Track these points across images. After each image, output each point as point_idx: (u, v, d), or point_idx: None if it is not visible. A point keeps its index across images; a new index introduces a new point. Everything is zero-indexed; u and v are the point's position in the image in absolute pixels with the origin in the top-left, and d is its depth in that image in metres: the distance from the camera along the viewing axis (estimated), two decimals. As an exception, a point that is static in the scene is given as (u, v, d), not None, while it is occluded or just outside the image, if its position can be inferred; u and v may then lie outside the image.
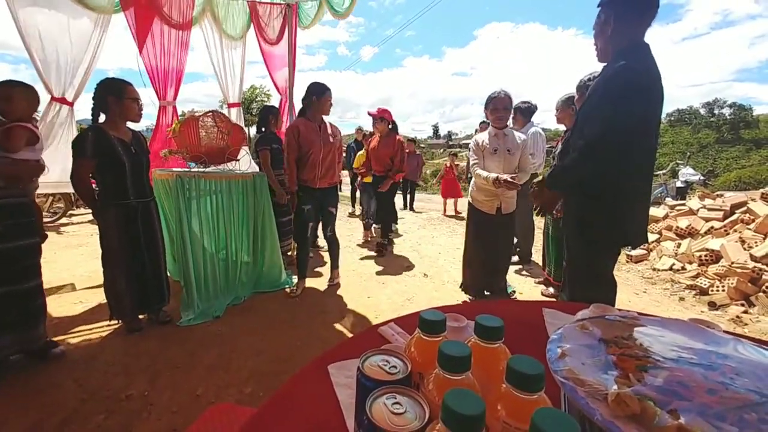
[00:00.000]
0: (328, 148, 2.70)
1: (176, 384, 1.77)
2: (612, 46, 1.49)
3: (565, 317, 0.88)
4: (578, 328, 0.59)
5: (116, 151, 1.99)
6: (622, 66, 1.41)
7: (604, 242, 1.58)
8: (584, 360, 0.52)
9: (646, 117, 1.40)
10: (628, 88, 1.37)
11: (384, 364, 0.43)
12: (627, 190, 1.50)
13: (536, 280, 3.28)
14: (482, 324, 0.44)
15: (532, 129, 3.53)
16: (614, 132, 1.40)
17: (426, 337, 0.46)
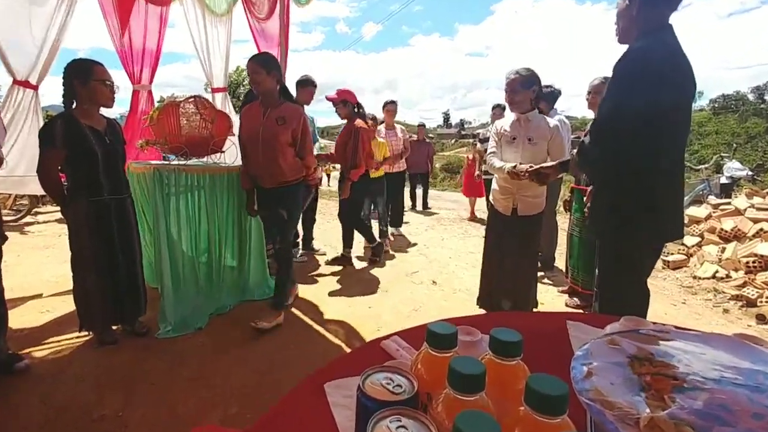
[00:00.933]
0: (269, 134, 2.43)
1: (154, 402, 1.78)
2: (636, 28, 1.53)
3: (592, 331, 0.88)
4: (607, 344, 0.59)
5: (88, 141, 2.01)
6: (639, 47, 1.46)
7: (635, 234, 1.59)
8: (613, 380, 0.52)
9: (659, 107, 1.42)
10: (637, 71, 1.42)
11: (387, 382, 0.43)
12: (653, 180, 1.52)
13: (560, 289, 3.28)
14: (498, 338, 0.44)
15: (556, 117, 3.53)
16: (621, 117, 1.45)
17: (435, 352, 0.46)
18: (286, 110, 2.47)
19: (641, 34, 1.50)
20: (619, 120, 1.45)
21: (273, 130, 2.42)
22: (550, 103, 3.59)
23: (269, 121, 2.43)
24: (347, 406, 0.65)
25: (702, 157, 11.78)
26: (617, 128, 1.46)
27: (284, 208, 2.56)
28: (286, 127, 2.43)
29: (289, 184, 2.55)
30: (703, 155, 16.08)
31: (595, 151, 1.57)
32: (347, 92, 3.57)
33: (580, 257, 2.89)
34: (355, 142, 3.43)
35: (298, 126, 2.48)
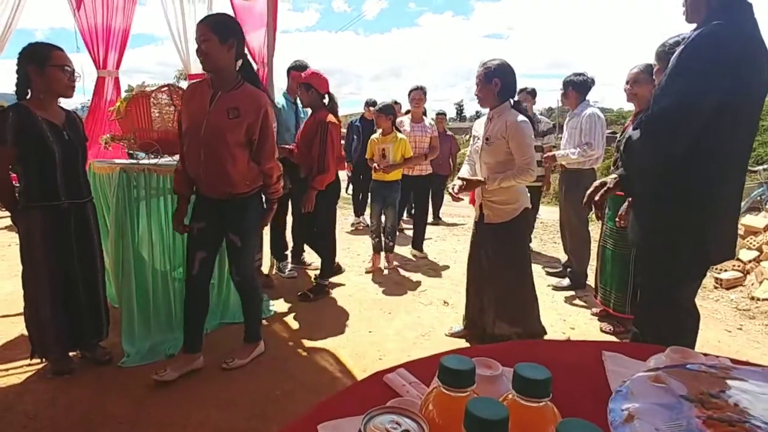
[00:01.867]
0: (215, 130, 2.08)
1: (117, 444, 1.78)
2: (705, 5, 1.50)
3: (632, 364, 0.88)
4: (651, 381, 0.59)
5: (43, 137, 2.03)
6: (708, 29, 1.43)
7: (680, 260, 1.58)
8: (659, 425, 0.52)
9: (734, 96, 1.41)
10: (710, 57, 1.39)
11: (394, 427, 0.43)
12: (709, 190, 1.51)
13: (593, 311, 3.27)
14: (523, 376, 0.44)
15: (589, 110, 3.55)
16: (687, 111, 1.43)
17: (449, 391, 0.46)
18: (241, 98, 2.12)
19: (711, 12, 1.47)
20: (681, 116, 1.43)
21: (220, 124, 2.07)
22: (581, 93, 3.62)
23: (217, 111, 2.09)
24: (344, 452, 0.65)
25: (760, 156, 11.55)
26: (678, 125, 1.44)
27: (235, 232, 2.27)
28: (239, 121, 2.09)
29: (240, 196, 2.23)
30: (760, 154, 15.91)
31: (648, 151, 1.54)
32: (316, 75, 3.29)
33: (613, 274, 2.88)
34: (323, 140, 3.11)
35: (257, 121, 2.13)
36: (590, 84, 3.64)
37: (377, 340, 2.79)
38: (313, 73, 3.32)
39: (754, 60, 1.42)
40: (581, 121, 3.52)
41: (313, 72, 3.33)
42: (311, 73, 3.32)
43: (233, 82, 2.15)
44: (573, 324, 3.10)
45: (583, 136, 3.50)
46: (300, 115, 3.81)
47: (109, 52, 3.75)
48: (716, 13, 1.45)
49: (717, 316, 3.36)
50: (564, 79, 3.73)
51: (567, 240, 3.96)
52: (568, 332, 2.98)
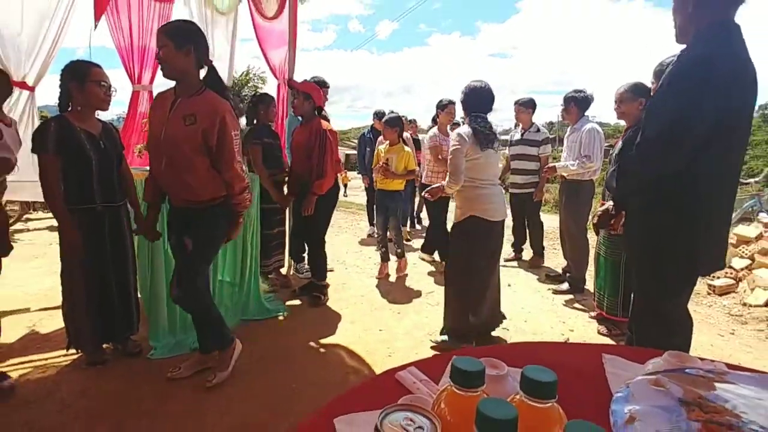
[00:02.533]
0: (171, 137, 1.94)
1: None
2: (693, 25, 1.49)
3: (631, 367, 0.86)
4: (651, 384, 0.58)
5: (82, 146, 2.06)
6: (697, 51, 1.43)
7: (671, 270, 1.56)
8: (659, 426, 0.51)
9: (726, 116, 1.39)
10: (701, 79, 1.38)
11: (408, 423, 0.43)
12: (700, 205, 1.49)
13: (591, 314, 3.22)
14: (531, 378, 0.44)
15: (588, 125, 3.53)
16: (679, 132, 1.41)
17: (460, 391, 0.46)
18: (199, 104, 1.94)
19: (699, 34, 1.46)
20: (674, 138, 1.41)
21: (177, 131, 1.93)
22: (582, 108, 3.61)
23: (174, 118, 1.94)
24: (359, 445, 0.65)
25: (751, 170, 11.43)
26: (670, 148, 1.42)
27: (190, 236, 2.09)
28: (195, 128, 1.92)
29: (203, 205, 2.05)
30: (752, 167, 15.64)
31: (642, 170, 1.52)
32: (314, 87, 3.24)
33: (606, 279, 2.85)
34: (321, 147, 3.06)
35: (212, 127, 1.93)
36: (590, 100, 3.63)
37: (387, 339, 2.78)
38: (311, 85, 3.27)
39: (744, 80, 1.41)
40: (581, 135, 3.50)
41: (311, 84, 3.28)
42: (312, 85, 3.26)
43: (194, 89, 1.98)
44: (572, 326, 3.06)
45: (582, 149, 3.48)
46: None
47: (144, 69, 3.81)
48: (704, 35, 1.44)
49: (710, 320, 3.30)
50: (565, 95, 3.72)
51: (566, 247, 3.92)
52: (567, 334, 2.95)
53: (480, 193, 2.44)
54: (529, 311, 3.32)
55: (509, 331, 2.94)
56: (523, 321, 3.13)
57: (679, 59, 1.54)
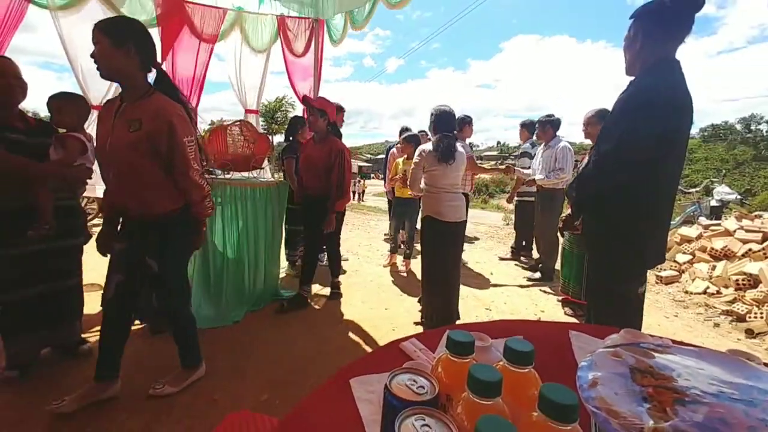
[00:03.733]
0: (116, 145, 1.47)
1: (195, 388, 1.80)
2: (640, 62, 1.49)
3: (593, 342, 0.86)
4: (610, 356, 0.57)
5: None
6: (643, 82, 1.42)
7: (622, 263, 1.54)
8: (617, 390, 0.50)
9: (667, 136, 1.38)
10: (647, 105, 1.37)
11: (411, 383, 0.43)
12: (644, 210, 1.48)
13: (559, 299, 3.20)
14: (513, 348, 0.44)
15: (562, 143, 3.50)
16: (628, 149, 1.40)
17: (454, 358, 0.46)
18: (146, 108, 1.48)
19: (644, 68, 1.45)
20: (623, 151, 1.40)
21: (121, 138, 1.46)
22: (555, 129, 3.59)
23: (119, 124, 1.48)
24: (370, 400, 0.65)
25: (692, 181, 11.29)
26: (622, 159, 1.41)
27: (152, 256, 1.62)
28: (140, 134, 1.45)
29: (161, 217, 1.59)
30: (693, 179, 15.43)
31: (597, 181, 1.51)
32: (328, 104, 2.75)
33: (572, 269, 2.83)
34: (341, 166, 2.66)
35: (159, 132, 1.47)
36: (560, 122, 3.62)
37: (391, 315, 2.77)
38: (327, 102, 2.77)
39: (682, 106, 1.40)
40: (555, 151, 3.47)
41: (327, 101, 2.78)
42: (326, 102, 2.76)
43: (140, 93, 1.51)
44: (543, 308, 3.04)
45: (557, 162, 3.45)
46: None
47: (192, 97, 3.84)
48: (650, 69, 1.44)
49: (657, 305, 3.26)
50: (540, 119, 3.70)
51: (540, 243, 3.90)
52: (539, 314, 2.93)
53: (434, 197, 2.37)
54: (507, 295, 3.30)
55: (491, 311, 2.92)
56: (503, 303, 3.11)
57: (628, 88, 1.53)
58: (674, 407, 0.47)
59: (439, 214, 2.35)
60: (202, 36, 3.67)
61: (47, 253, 1.82)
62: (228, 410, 1.64)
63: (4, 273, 1.71)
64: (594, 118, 2.65)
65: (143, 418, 1.59)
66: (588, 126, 2.70)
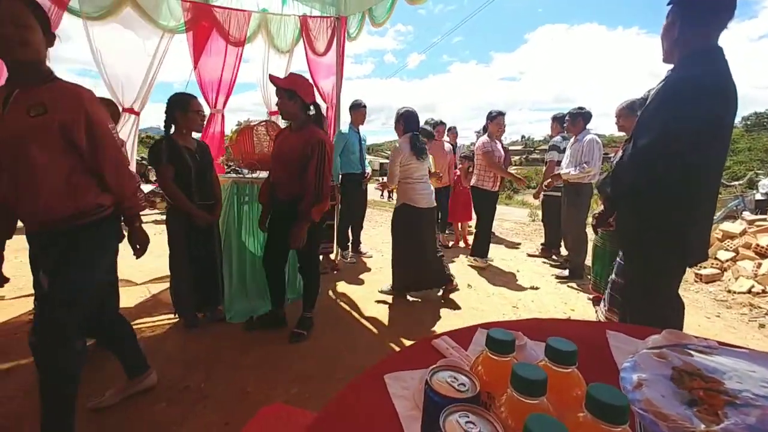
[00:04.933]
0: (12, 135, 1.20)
1: (228, 380, 1.87)
2: (678, 49, 1.41)
3: (632, 342, 0.83)
4: (655, 357, 0.56)
5: (184, 158, 2.17)
6: (687, 71, 1.35)
7: (662, 260, 1.48)
8: (663, 392, 0.49)
9: (712, 127, 1.31)
10: (692, 94, 1.30)
11: (452, 380, 0.44)
12: (685, 204, 1.41)
13: (590, 297, 3.10)
14: (555, 347, 0.43)
15: (589, 136, 3.39)
16: (670, 141, 1.33)
17: (495, 356, 0.46)
18: (51, 92, 1.24)
19: (685, 56, 1.38)
20: (664, 143, 1.34)
21: (19, 126, 1.19)
22: (586, 123, 3.49)
23: (14, 112, 1.20)
24: (405, 396, 0.66)
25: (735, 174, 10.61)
26: (663, 151, 1.35)
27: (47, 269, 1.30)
28: (46, 119, 1.20)
29: (64, 225, 1.29)
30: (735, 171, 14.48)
31: (633, 174, 1.45)
32: (301, 80, 2.11)
33: (603, 266, 2.74)
34: (320, 163, 2.03)
35: (74, 121, 1.24)
36: (591, 115, 3.51)
37: (416, 313, 2.77)
38: (299, 78, 2.13)
39: (728, 95, 1.32)
40: (582, 144, 3.37)
41: (298, 77, 2.14)
42: (296, 79, 2.13)
43: (41, 77, 1.25)
44: (573, 306, 2.96)
45: (583, 156, 3.35)
46: (362, 140, 3.85)
47: (219, 96, 3.95)
48: (690, 57, 1.37)
49: (697, 304, 3.11)
50: (571, 111, 3.58)
51: (567, 239, 3.79)
52: (569, 313, 2.86)
53: (410, 187, 2.75)
54: (536, 293, 3.24)
55: (518, 309, 2.87)
56: (531, 301, 3.05)
57: (667, 78, 1.46)
58: (724, 410, 0.45)
59: (413, 201, 2.75)
60: (230, 39, 3.76)
61: None
62: (260, 402, 1.70)
63: None
64: (627, 110, 2.55)
65: (180, 409, 1.66)
66: (620, 118, 2.60)
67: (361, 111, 3.78)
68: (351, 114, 3.85)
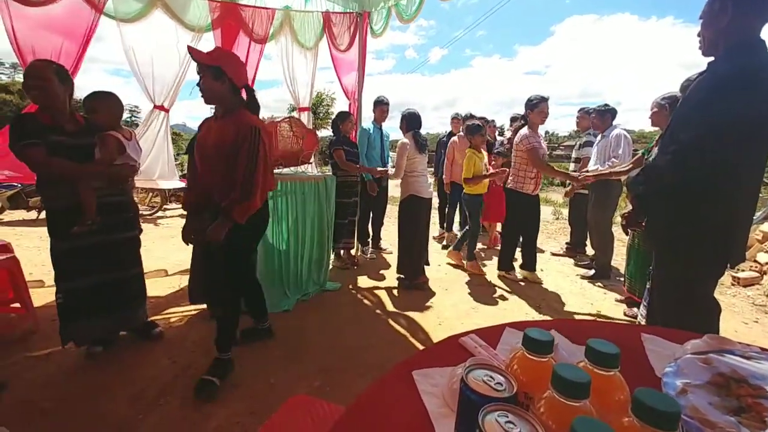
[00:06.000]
0: None
1: (254, 370, 1.93)
2: (724, 40, 1.33)
3: (669, 346, 0.80)
4: (700, 362, 0.54)
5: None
6: (733, 63, 1.27)
7: (698, 261, 1.41)
8: (710, 399, 0.47)
9: (761, 121, 1.23)
10: (739, 87, 1.23)
11: (488, 379, 0.43)
12: (725, 203, 1.34)
13: (617, 298, 3.01)
14: (597, 350, 0.42)
15: (615, 131, 3.28)
16: (718, 135, 1.26)
17: (532, 356, 0.45)
18: None
19: (730, 47, 1.30)
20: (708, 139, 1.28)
21: None
22: (613, 118, 3.40)
23: None
24: (435, 394, 0.66)
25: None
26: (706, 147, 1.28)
27: None
28: None
29: None
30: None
31: (670, 171, 1.38)
32: (230, 58, 1.74)
33: (637, 267, 2.63)
34: (252, 153, 1.64)
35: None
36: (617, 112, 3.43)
37: (437, 309, 2.77)
38: (224, 52, 1.80)
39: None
40: (610, 140, 3.26)
41: (225, 53, 1.81)
42: (222, 52, 1.80)
43: None
44: (599, 307, 2.87)
45: (611, 151, 3.24)
46: (384, 137, 3.85)
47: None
48: (737, 49, 1.29)
49: (734, 309, 2.96)
50: (598, 108, 3.50)
51: (593, 238, 3.68)
52: (595, 314, 2.78)
53: (416, 179, 3.03)
54: (560, 293, 3.17)
55: (542, 309, 2.82)
56: (555, 301, 2.99)
57: (712, 71, 1.37)
58: (778, 421, 0.43)
59: (419, 192, 3.03)
60: (254, 37, 3.82)
61: (103, 246, 1.96)
62: (284, 393, 1.74)
63: (64, 264, 1.88)
64: (663, 104, 2.44)
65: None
66: (655, 112, 2.49)
67: (381, 108, 3.78)
68: (374, 110, 3.85)
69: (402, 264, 3.18)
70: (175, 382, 1.82)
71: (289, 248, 2.86)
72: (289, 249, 2.85)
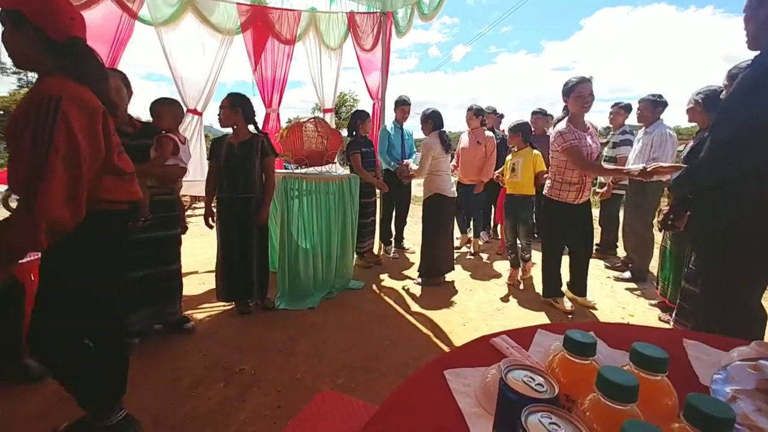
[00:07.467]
0: None
1: (279, 366, 1.97)
2: (766, 33, 1.26)
3: (714, 353, 0.77)
4: (750, 369, 0.51)
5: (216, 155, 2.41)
6: None
7: (745, 265, 1.34)
8: (760, 406, 0.45)
9: None
10: None
11: (528, 380, 0.43)
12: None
13: (651, 302, 2.89)
14: (644, 353, 0.41)
15: (659, 128, 3.08)
16: (759, 133, 1.20)
17: (574, 358, 0.45)
18: None
19: None
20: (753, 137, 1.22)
21: None
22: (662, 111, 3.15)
23: None
24: (467, 393, 0.66)
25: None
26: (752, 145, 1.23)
27: None
28: None
29: None
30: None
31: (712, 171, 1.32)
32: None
33: (671, 271, 2.52)
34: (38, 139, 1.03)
35: None
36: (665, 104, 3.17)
37: (461, 310, 2.75)
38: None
39: None
40: (653, 138, 3.06)
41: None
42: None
43: None
44: (632, 312, 2.77)
45: (653, 151, 3.05)
46: (405, 136, 3.84)
47: (274, 95, 4.11)
48: None
49: (780, 316, 2.79)
50: (649, 98, 3.17)
51: (629, 240, 3.53)
52: (627, 318, 2.68)
53: (440, 178, 3.08)
54: (590, 297, 3.06)
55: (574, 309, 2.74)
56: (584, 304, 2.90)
57: (755, 65, 1.30)
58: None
59: (444, 191, 3.08)
60: (281, 38, 3.90)
61: (149, 242, 2.07)
62: (309, 389, 1.77)
63: None
64: (704, 99, 2.31)
65: (236, 389, 1.78)
66: (691, 108, 2.37)
67: (403, 108, 3.77)
68: (395, 110, 3.86)
69: (423, 262, 3.22)
70: (206, 374, 1.89)
71: (315, 246, 2.91)
72: (315, 247, 2.90)
